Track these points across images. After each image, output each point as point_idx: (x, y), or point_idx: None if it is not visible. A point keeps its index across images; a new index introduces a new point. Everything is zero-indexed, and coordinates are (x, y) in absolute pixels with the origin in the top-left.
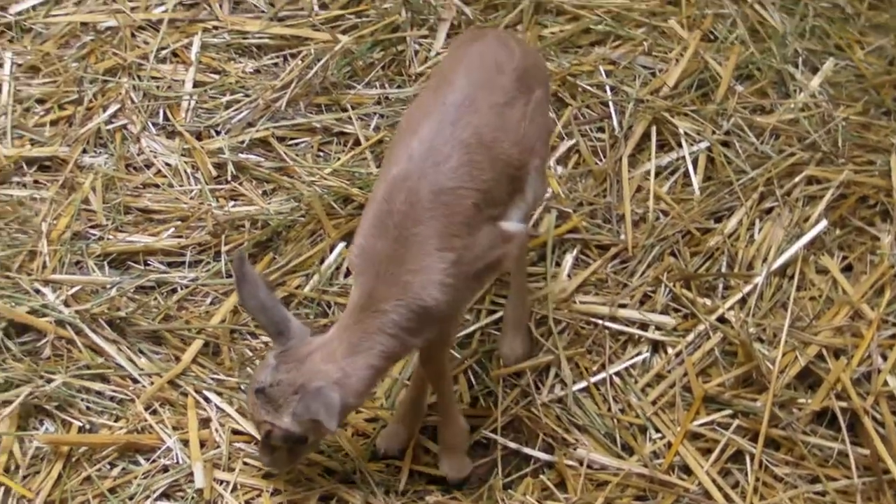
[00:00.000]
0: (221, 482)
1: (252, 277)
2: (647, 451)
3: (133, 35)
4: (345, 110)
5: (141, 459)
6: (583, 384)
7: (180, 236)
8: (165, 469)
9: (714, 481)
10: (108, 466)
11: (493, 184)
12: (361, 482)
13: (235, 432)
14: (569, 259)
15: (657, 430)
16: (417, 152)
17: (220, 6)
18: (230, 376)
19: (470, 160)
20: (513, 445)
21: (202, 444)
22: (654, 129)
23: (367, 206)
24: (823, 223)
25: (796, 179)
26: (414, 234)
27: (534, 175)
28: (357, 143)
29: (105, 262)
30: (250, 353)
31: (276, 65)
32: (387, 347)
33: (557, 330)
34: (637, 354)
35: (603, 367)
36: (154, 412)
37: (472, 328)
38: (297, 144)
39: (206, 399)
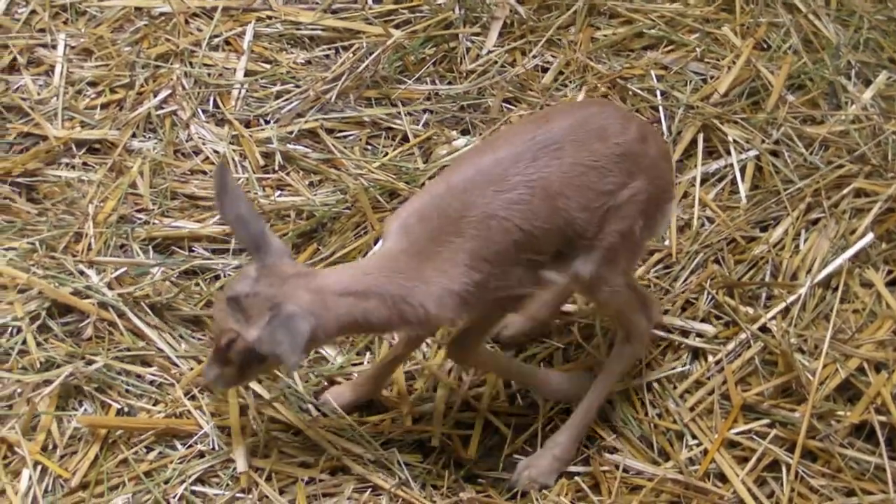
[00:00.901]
0: (257, 469)
1: (234, 189)
2: (682, 458)
3: (187, 22)
4: (394, 105)
5: (178, 444)
6: (622, 388)
7: (225, 224)
8: (202, 454)
9: (749, 490)
10: (145, 450)
11: (542, 232)
12: (398, 473)
13: (273, 420)
14: None
15: (694, 437)
16: (486, 171)
17: None
18: None
19: (530, 200)
20: None
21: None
22: (702, 135)
23: (421, 192)
24: (870, 236)
25: (844, 191)
26: (451, 241)
27: (599, 260)
28: (405, 138)
29: (150, 247)
30: None
31: (327, 57)
32: (376, 314)
33: (601, 333)
34: (677, 360)
35: (642, 371)
36: (193, 397)
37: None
38: (345, 137)
39: (245, 386)
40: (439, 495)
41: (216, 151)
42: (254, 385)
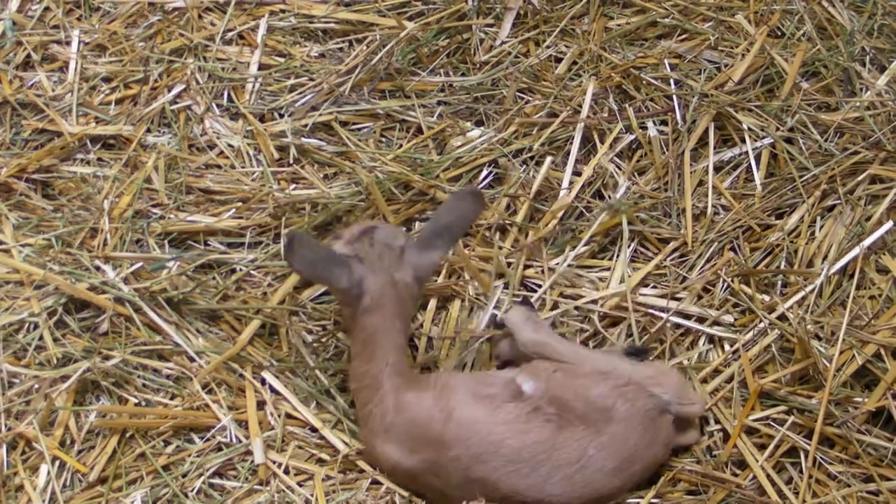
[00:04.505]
0: (274, 463)
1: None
2: (701, 446)
3: (200, 16)
4: (408, 97)
5: (195, 438)
6: None
7: (241, 217)
8: (219, 448)
9: (768, 477)
10: (163, 444)
11: None
12: None
13: (289, 416)
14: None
15: (717, 422)
16: None
17: None
18: (287, 358)
19: None
20: None
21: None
22: (715, 123)
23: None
24: (889, 224)
25: (859, 178)
26: None
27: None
28: (420, 130)
29: (165, 242)
30: (308, 335)
31: (341, 49)
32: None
33: (624, 323)
34: (693, 348)
35: (660, 359)
36: (210, 391)
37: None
38: (359, 130)
39: (262, 380)
40: None
41: (231, 145)
42: (271, 379)
